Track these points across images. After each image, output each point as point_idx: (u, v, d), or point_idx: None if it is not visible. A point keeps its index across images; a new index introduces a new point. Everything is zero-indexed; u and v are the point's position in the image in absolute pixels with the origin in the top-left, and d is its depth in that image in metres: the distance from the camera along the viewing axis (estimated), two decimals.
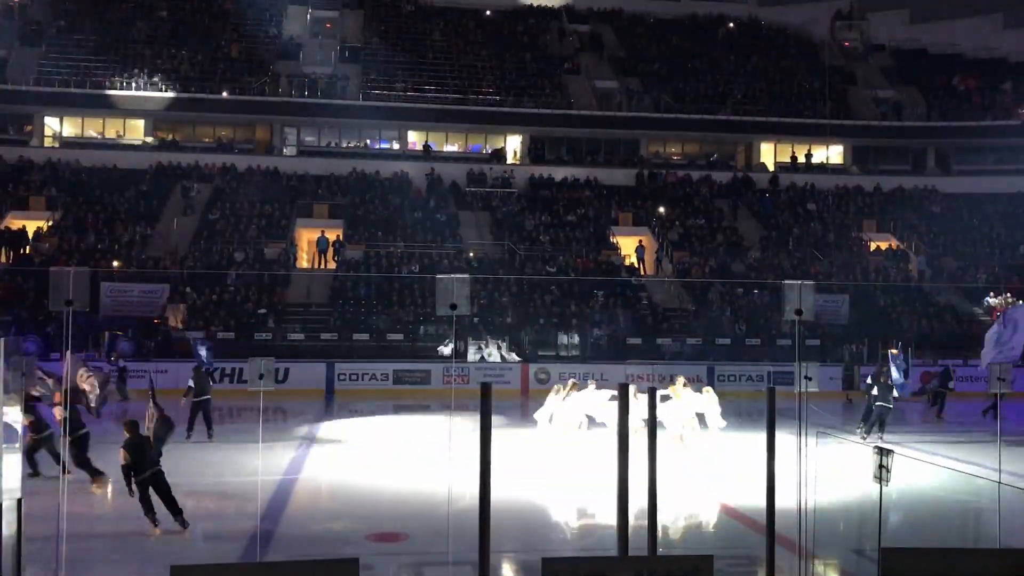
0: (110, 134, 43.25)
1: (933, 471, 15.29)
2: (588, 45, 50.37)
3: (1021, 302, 20.43)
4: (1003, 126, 45.17)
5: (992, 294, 35.84)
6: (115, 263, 32.63)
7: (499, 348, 30.45)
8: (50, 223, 35.38)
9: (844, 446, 16.54)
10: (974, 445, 19.18)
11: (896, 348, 20.37)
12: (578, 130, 44.79)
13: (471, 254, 35.92)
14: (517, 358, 30.30)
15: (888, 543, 6.54)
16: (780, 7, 55.88)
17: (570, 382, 17.98)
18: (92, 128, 43.42)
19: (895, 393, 19.98)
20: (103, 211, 36.40)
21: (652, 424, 7.71)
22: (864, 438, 19.47)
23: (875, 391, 20.03)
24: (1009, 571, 6.00)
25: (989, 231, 41.56)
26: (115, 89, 41.13)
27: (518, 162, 44.50)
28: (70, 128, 43.40)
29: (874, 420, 20.00)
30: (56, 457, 13.48)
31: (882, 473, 7.62)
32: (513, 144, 45.62)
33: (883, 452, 7.74)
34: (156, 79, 42.26)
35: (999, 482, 9.70)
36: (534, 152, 45.15)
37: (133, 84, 41.56)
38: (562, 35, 51.13)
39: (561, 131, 44.87)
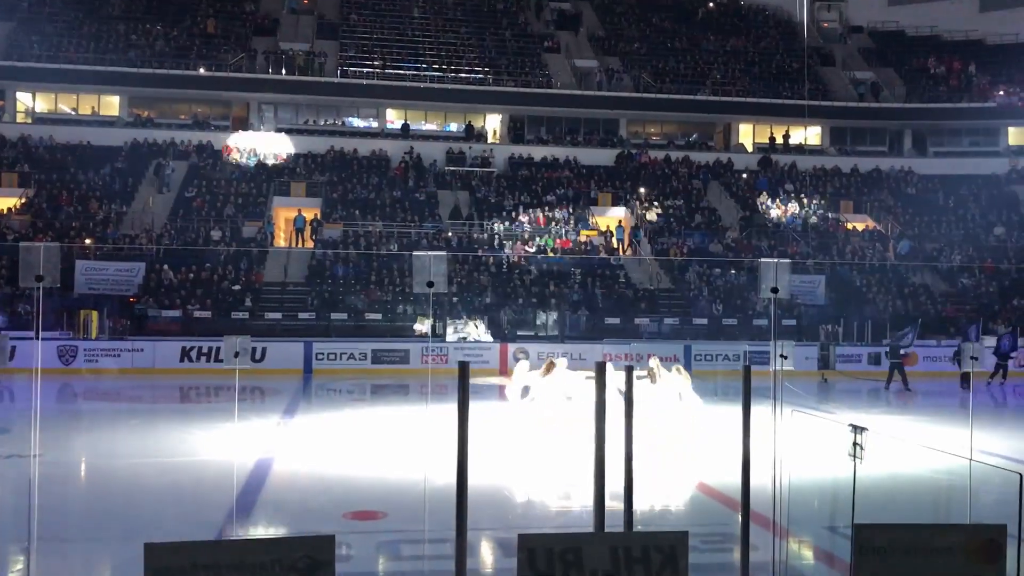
0: (84, 110, 42.73)
1: (906, 448, 15.46)
2: (568, 23, 50.18)
3: None
4: (979, 108, 45.52)
5: None
6: (87, 240, 32.33)
7: (476, 327, 30.43)
8: (23, 200, 34.96)
9: (819, 424, 16.67)
10: (946, 423, 19.42)
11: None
12: (557, 109, 44.70)
13: (450, 233, 35.86)
14: (494, 338, 30.28)
15: (861, 520, 6.61)
16: None
17: (549, 360, 17.64)
18: (65, 104, 42.87)
19: (902, 351, 25.99)
20: (77, 188, 36.00)
21: (628, 402, 7.73)
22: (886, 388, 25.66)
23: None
24: (978, 545, 6.08)
25: (964, 212, 41.94)
26: (89, 64, 40.57)
27: (497, 141, 44.37)
28: (43, 104, 42.83)
29: (891, 374, 25.83)
30: None
31: (856, 450, 7.69)
32: (492, 123, 45.47)
33: (857, 430, 7.80)
34: (131, 55, 41.72)
35: (970, 459, 9.82)
36: (514, 131, 45.03)
37: (107, 59, 41.01)
38: (541, 13, 50.90)
39: (540, 110, 44.76)
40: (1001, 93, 46.10)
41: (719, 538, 10.97)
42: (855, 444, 7.47)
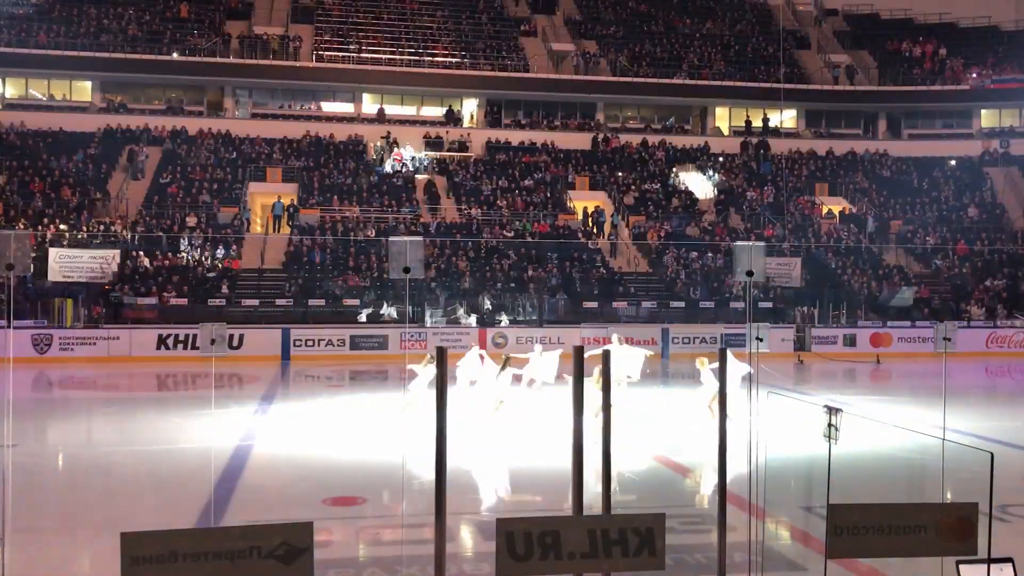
0: (56, 96, 42.18)
1: (881, 429, 15.63)
2: (544, 7, 50.02)
3: None
4: (952, 91, 45.85)
5: None
6: (61, 227, 31.99)
7: (464, 309, 30.36)
8: None
9: (794, 406, 16.82)
10: (920, 404, 19.63)
11: None
12: (534, 93, 44.60)
13: (424, 219, 35.76)
14: (475, 323, 30.31)
15: (836, 500, 6.68)
16: None
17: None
18: (37, 90, 42.30)
19: None
20: (50, 175, 35.57)
21: (606, 383, 7.77)
22: None
23: None
24: (952, 524, 6.16)
25: (938, 194, 42.31)
26: (60, 50, 40.02)
27: (475, 126, 44.24)
28: (13, 89, 42.23)
29: None
30: None
31: (831, 432, 7.76)
32: (469, 107, 45.32)
33: (832, 411, 7.87)
34: (103, 39, 41.20)
35: (943, 439, 9.94)
36: (491, 116, 44.90)
37: (79, 44, 40.48)
38: None
39: (517, 94, 44.63)
40: (974, 76, 46.45)
41: (696, 519, 11.06)
42: (830, 425, 7.53)
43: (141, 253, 31.19)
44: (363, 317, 29.52)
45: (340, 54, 43.23)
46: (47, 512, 11.20)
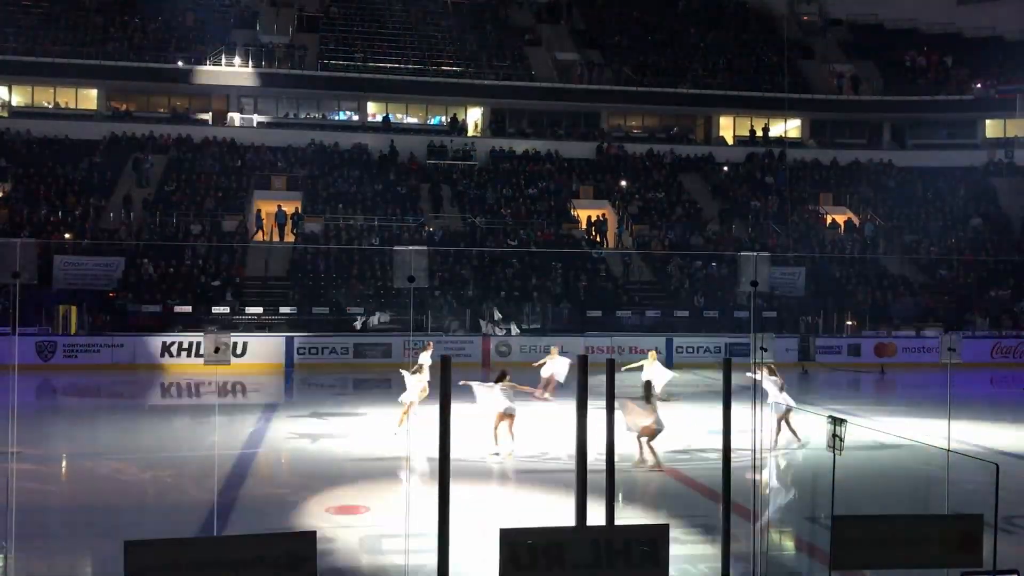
0: (62, 104, 42.32)
1: (886, 440, 15.60)
2: (549, 16, 50.13)
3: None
4: (956, 101, 45.85)
5: None
6: (66, 235, 32.06)
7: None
8: (0, 195, 34.62)
9: (799, 417, 16.79)
10: (925, 415, 19.58)
11: None
12: (539, 102, 44.63)
13: (429, 228, 35.78)
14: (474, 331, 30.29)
15: (841, 511, 6.67)
16: None
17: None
18: (43, 97, 42.44)
19: None
20: (55, 183, 35.66)
21: (609, 395, 7.75)
22: None
23: None
24: (957, 535, 6.15)
25: (942, 204, 42.26)
26: (67, 57, 40.15)
27: (479, 134, 44.30)
28: (19, 97, 42.38)
29: None
30: None
31: (835, 442, 7.74)
32: (474, 116, 45.39)
33: (837, 422, 7.86)
34: (109, 47, 41.33)
35: (948, 450, 9.91)
36: (495, 125, 44.96)
37: (85, 52, 40.60)
38: (523, 5, 50.80)
39: (522, 103, 44.67)
40: (978, 86, 46.44)
41: (700, 530, 11.03)
42: (834, 436, 7.51)
43: (146, 261, 31.23)
44: (358, 325, 29.50)
45: (345, 63, 43.32)
46: (51, 520, 11.20)
